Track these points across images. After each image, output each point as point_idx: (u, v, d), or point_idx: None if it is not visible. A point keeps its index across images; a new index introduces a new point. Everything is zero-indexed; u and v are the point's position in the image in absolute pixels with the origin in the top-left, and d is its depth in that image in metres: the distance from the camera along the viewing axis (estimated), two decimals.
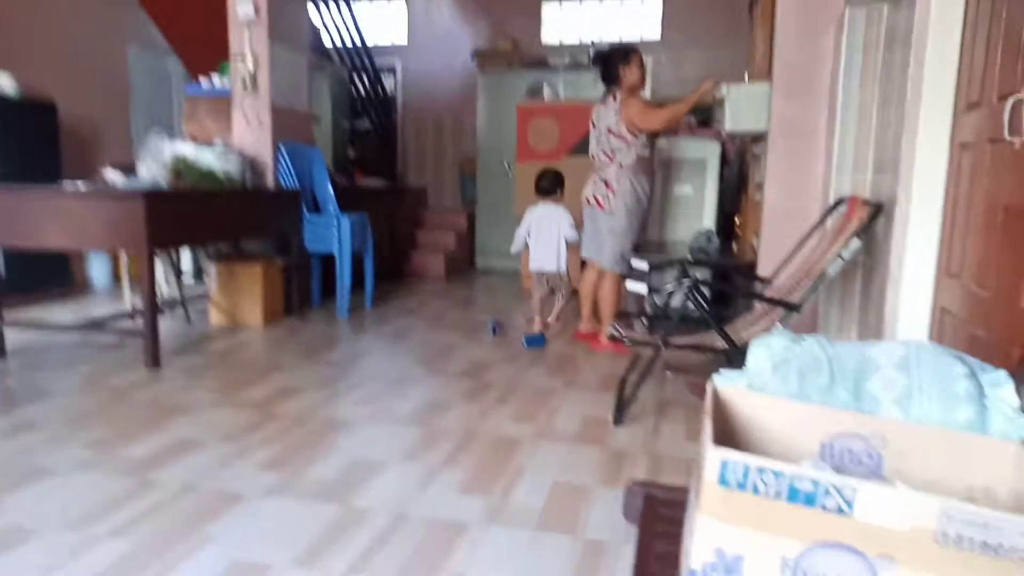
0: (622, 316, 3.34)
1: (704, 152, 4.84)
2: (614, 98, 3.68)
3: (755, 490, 0.93)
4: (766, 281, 2.95)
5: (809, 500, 0.91)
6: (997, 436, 1.12)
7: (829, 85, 3.13)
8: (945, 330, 2.08)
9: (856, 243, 2.46)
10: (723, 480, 0.94)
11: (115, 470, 2.08)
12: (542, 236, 4.12)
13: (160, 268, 4.30)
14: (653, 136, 3.75)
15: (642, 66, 3.72)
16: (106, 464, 2.12)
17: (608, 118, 3.68)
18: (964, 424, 1.15)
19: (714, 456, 0.94)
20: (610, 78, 3.73)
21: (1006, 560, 0.83)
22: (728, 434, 1.20)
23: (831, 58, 3.10)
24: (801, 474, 0.91)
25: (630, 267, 3.49)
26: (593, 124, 3.82)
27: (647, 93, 7.48)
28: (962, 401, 1.16)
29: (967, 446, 1.12)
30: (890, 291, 2.34)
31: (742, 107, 3.47)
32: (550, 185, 4.16)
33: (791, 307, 2.49)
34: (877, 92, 2.77)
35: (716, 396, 1.19)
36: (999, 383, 1.18)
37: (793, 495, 0.91)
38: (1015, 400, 1.15)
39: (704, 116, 5.18)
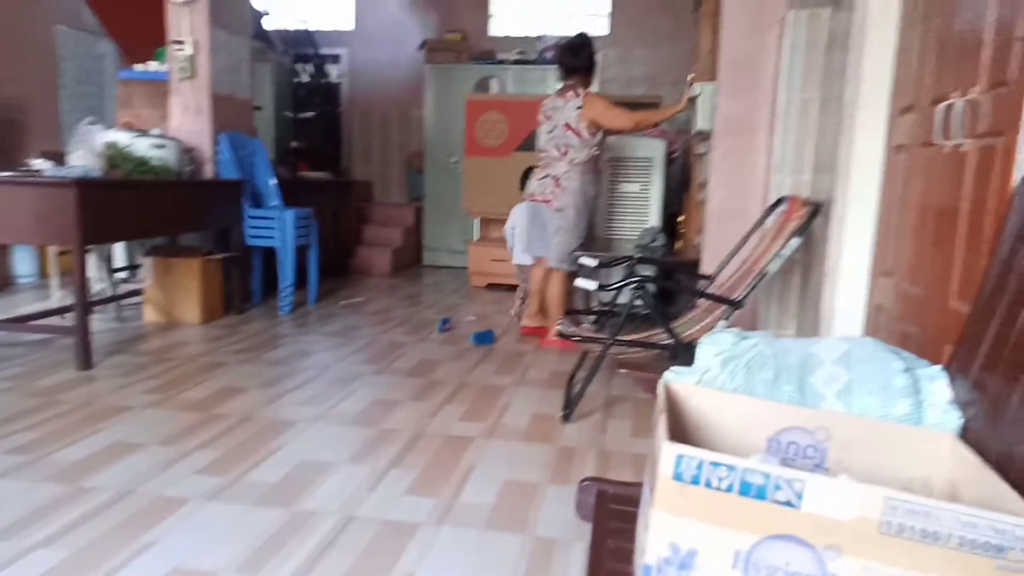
0: (570, 313, 3.36)
1: (651, 151, 4.90)
2: (576, 93, 3.62)
3: (708, 484, 0.95)
4: (709, 279, 3.01)
5: (760, 494, 0.92)
6: (932, 428, 1.17)
7: (772, 84, 3.21)
8: (880, 327, 2.17)
9: (795, 242, 2.54)
10: (677, 475, 0.95)
11: (46, 476, 1.98)
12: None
13: (91, 262, 4.11)
14: (606, 135, 3.76)
15: None
16: (36, 470, 2.02)
17: (567, 113, 3.61)
18: (902, 417, 1.20)
19: (669, 451, 0.95)
20: (581, 69, 3.66)
21: (944, 547, 0.87)
22: (679, 429, 1.21)
23: (774, 58, 3.18)
24: (753, 468, 0.92)
25: (578, 265, 3.50)
26: (546, 116, 3.74)
27: (595, 88, 7.58)
28: (900, 395, 1.21)
29: (905, 438, 1.17)
30: (827, 288, 2.42)
31: (712, 107, 3.51)
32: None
33: (733, 304, 2.55)
34: (818, 93, 2.85)
35: (668, 392, 1.21)
36: (934, 377, 1.23)
37: (745, 489, 0.93)
38: (948, 394, 1.20)
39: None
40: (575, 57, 3.65)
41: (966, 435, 1.14)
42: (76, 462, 2.08)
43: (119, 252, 4.70)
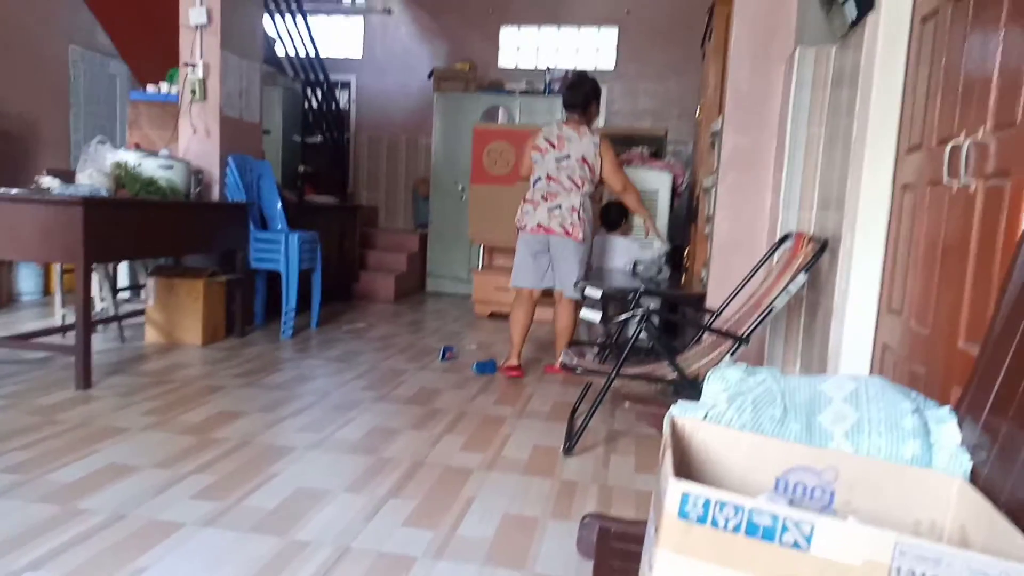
0: (574, 344, 3.34)
1: (657, 183, 4.97)
2: (590, 131, 3.69)
3: (715, 524, 0.92)
4: (715, 312, 3.00)
5: (768, 535, 0.90)
6: (941, 471, 1.15)
7: (779, 120, 3.23)
8: (886, 366, 2.15)
9: (802, 278, 2.53)
10: (683, 513, 0.93)
11: (39, 496, 1.95)
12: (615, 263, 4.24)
13: (95, 281, 4.11)
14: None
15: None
16: (29, 490, 1.99)
17: (584, 147, 3.64)
18: (911, 459, 1.18)
19: (675, 488, 0.93)
20: (579, 106, 3.72)
21: None
22: (685, 466, 1.19)
23: (781, 94, 3.21)
24: (761, 508, 0.90)
25: (583, 294, 3.39)
26: (551, 144, 3.68)
27: (600, 121, 7.65)
28: (909, 436, 1.19)
29: (914, 480, 1.15)
30: (834, 326, 2.40)
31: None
32: (617, 217, 4.38)
33: (740, 339, 2.53)
34: (824, 130, 2.87)
35: (675, 427, 1.19)
36: (943, 419, 1.21)
37: (752, 529, 0.91)
38: (958, 436, 1.18)
39: (655, 149, 5.31)
40: (574, 94, 3.73)
41: (975, 479, 1.11)
42: (70, 483, 2.05)
43: (123, 271, 4.70)
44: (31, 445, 2.33)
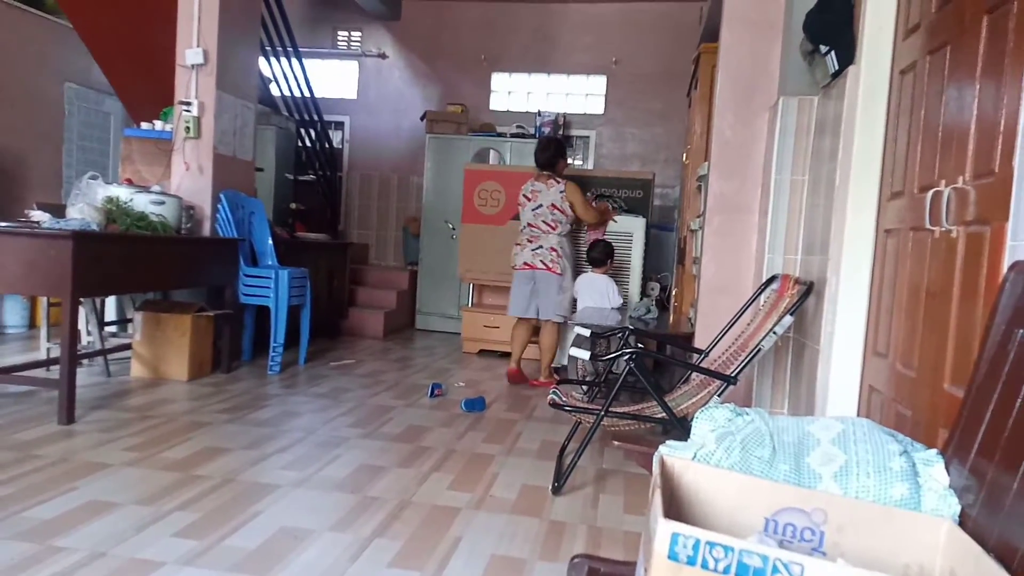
0: (563, 383, 3.34)
1: (631, 227, 5.17)
2: (556, 181, 4.44)
3: (704, 565, 0.92)
4: (703, 353, 3.01)
5: None
6: (930, 513, 1.16)
7: (763, 166, 3.30)
8: (873, 407, 2.16)
9: (788, 319, 2.55)
10: (672, 554, 0.93)
11: (16, 534, 1.91)
12: (590, 300, 4.56)
13: (82, 314, 4.07)
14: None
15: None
16: (6, 527, 1.95)
17: (552, 196, 4.41)
18: (899, 501, 1.18)
19: (664, 528, 0.93)
20: (547, 164, 4.46)
21: None
22: (675, 506, 1.19)
23: (765, 141, 3.28)
24: (751, 549, 0.90)
25: (571, 312, 4.48)
26: (527, 198, 4.49)
27: (590, 164, 7.76)
28: (897, 478, 1.20)
29: (903, 522, 1.15)
30: (820, 367, 2.42)
31: None
32: (600, 256, 4.63)
33: (728, 380, 2.54)
34: (807, 176, 2.94)
35: (664, 467, 1.19)
36: (931, 461, 1.22)
37: (743, 571, 0.91)
38: (945, 478, 1.19)
39: (631, 207, 5.57)
40: (543, 153, 4.48)
41: (964, 521, 1.12)
42: (48, 520, 2.01)
43: (110, 305, 4.67)
44: (10, 481, 2.29)
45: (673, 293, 5.27)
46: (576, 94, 7.92)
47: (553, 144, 4.54)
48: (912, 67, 2.07)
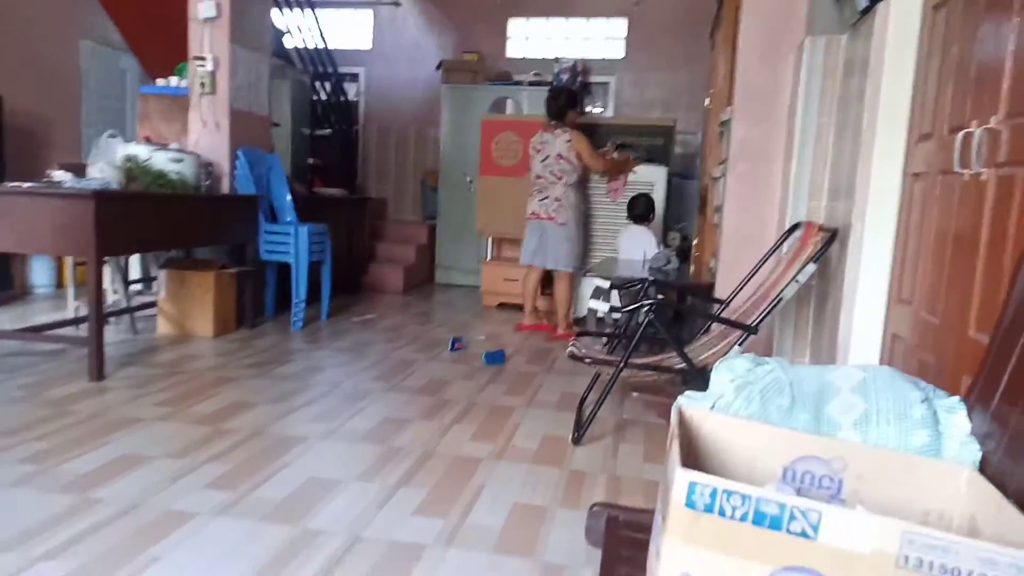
0: (582, 335, 3.35)
1: (653, 177, 5.10)
2: (563, 130, 4.44)
3: (722, 513, 0.93)
4: (723, 303, 3.00)
5: (775, 524, 0.90)
6: (951, 460, 1.15)
7: (788, 110, 3.21)
8: (896, 356, 2.14)
9: (811, 268, 2.52)
10: (690, 502, 0.94)
11: (55, 487, 1.98)
12: (632, 254, 4.59)
13: (107, 273, 4.14)
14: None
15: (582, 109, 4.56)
16: (45, 480, 2.02)
17: (558, 146, 4.42)
18: (920, 448, 1.17)
19: (682, 478, 0.94)
20: (557, 115, 4.46)
21: None
22: (692, 456, 1.20)
23: (791, 84, 3.19)
24: (767, 497, 0.91)
25: (583, 263, 4.63)
26: (536, 150, 4.52)
27: (610, 111, 7.61)
28: (918, 426, 1.19)
29: (923, 470, 1.14)
30: (843, 316, 2.39)
31: None
32: (642, 211, 4.66)
33: (749, 329, 2.53)
34: (834, 119, 2.85)
35: (682, 417, 1.19)
36: (953, 409, 1.21)
37: (759, 519, 0.91)
38: (967, 426, 1.18)
39: (650, 155, 5.42)
40: (554, 103, 4.48)
41: (985, 468, 1.11)
42: (85, 473, 2.08)
43: (134, 264, 4.74)
44: (46, 436, 2.37)
45: (694, 243, 5.21)
46: (595, 38, 7.71)
47: (564, 94, 4.54)
48: (946, 2, 1.98)
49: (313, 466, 2.24)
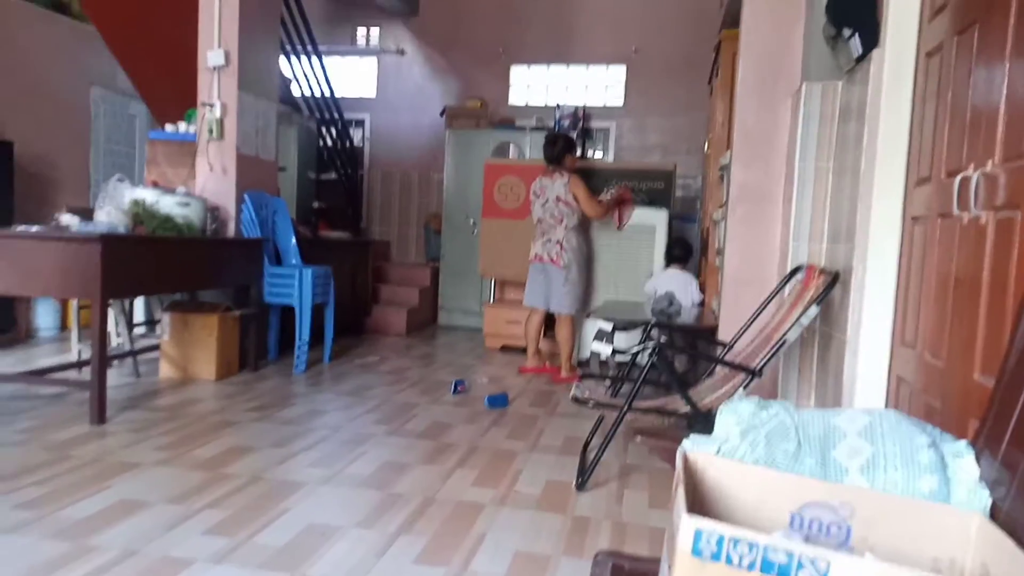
0: (585, 378, 3.33)
1: (654, 219, 5.11)
2: (560, 174, 4.50)
3: (729, 561, 0.91)
4: (727, 346, 2.98)
5: (784, 573, 0.89)
6: (960, 506, 1.13)
7: (787, 154, 3.25)
8: (901, 399, 2.12)
9: (814, 310, 2.52)
10: (696, 550, 0.92)
11: (51, 533, 1.95)
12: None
13: (111, 316, 4.16)
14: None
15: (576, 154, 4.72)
16: (41, 526, 1.99)
17: (557, 190, 4.48)
18: (928, 494, 1.16)
19: (688, 525, 0.92)
20: (555, 160, 4.52)
21: None
22: (698, 501, 1.18)
23: (788, 128, 3.23)
24: (776, 545, 0.89)
25: (586, 305, 4.65)
26: (536, 194, 4.59)
27: (610, 156, 7.71)
28: (926, 471, 1.17)
29: (932, 516, 1.13)
30: (847, 359, 2.38)
31: None
32: (681, 253, 4.73)
33: (753, 372, 2.52)
34: (832, 163, 2.89)
35: (687, 462, 1.18)
36: (960, 453, 1.20)
37: (767, 567, 0.89)
38: (976, 471, 1.16)
39: (651, 199, 5.46)
40: (551, 149, 4.54)
41: (995, 515, 1.09)
42: (82, 519, 2.05)
43: (138, 306, 4.76)
44: (45, 481, 2.34)
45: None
46: (596, 85, 7.86)
47: (561, 139, 4.61)
48: (939, 49, 2.02)
49: (312, 512, 2.20)
